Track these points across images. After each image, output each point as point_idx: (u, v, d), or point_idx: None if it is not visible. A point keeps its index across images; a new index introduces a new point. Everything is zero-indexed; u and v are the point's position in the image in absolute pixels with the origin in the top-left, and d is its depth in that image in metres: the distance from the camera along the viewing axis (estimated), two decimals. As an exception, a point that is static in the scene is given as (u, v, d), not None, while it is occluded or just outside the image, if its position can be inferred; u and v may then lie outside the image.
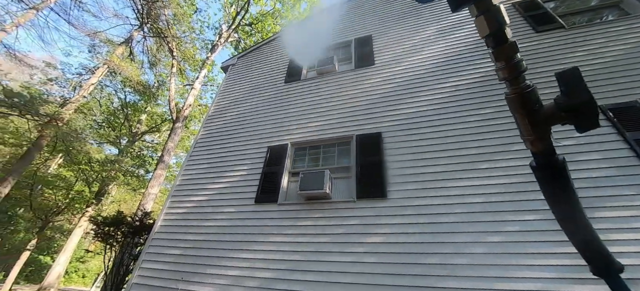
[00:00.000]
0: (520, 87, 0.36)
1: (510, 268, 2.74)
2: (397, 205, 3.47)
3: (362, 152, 4.15)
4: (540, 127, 0.36)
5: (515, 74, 0.35)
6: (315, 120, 5.05)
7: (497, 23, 0.34)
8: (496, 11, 0.34)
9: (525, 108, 0.36)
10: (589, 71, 3.93)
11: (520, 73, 0.35)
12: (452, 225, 3.14)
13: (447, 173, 3.54)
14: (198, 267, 3.93)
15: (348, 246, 3.36)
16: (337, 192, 3.96)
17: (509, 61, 0.35)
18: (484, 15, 0.34)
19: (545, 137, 0.37)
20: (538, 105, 0.36)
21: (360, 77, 5.44)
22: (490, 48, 0.36)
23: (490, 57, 0.37)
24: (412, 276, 2.95)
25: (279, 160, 4.65)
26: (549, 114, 0.37)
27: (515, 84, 0.36)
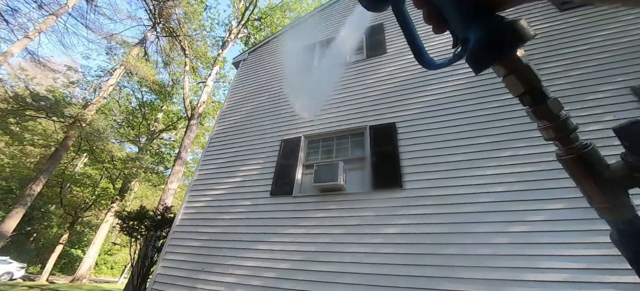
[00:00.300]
0: (575, 147, 0.32)
1: (536, 258, 2.64)
2: (413, 195, 3.41)
3: (376, 143, 4.09)
4: (613, 192, 0.31)
5: (566, 133, 0.31)
6: (328, 112, 5.02)
7: (531, 81, 0.31)
8: (527, 69, 0.31)
9: (587, 171, 0.32)
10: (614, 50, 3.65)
11: (571, 131, 0.32)
12: (473, 215, 3.06)
13: (466, 162, 3.43)
14: (217, 258, 4.05)
15: (364, 237, 3.35)
16: (351, 184, 3.94)
17: (554, 120, 0.31)
18: (513, 74, 0.31)
19: (622, 203, 0.31)
20: (605, 166, 0.31)
21: (372, 67, 5.32)
22: (527, 106, 0.32)
23: (528, 114, 0.32)
24: (432, 266, 2.91)
25: (292, 153, 4.67)
26: (620, 176, 0.30)
27: (567, 144, 0.32)
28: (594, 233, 2.60)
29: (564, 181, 2.95)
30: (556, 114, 0.31)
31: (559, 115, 0.31)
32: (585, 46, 3.90)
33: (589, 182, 0.31)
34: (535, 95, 0.31)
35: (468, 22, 0.32)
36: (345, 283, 3.14)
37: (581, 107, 3.39)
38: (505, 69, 0.31)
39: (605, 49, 3.75)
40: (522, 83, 0.31)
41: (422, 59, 0.43)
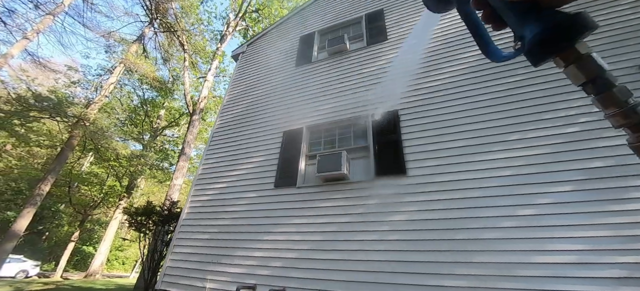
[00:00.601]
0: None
1: (544, 241, 2.63)
2: (418, 182, 3.39)
3: (379, 131, 4.05)
4: None
5: (635, 119, 0.31)
6: (329, 102, 4.97)
7: (595, 70, 0.31)
8: (589, 58, 0.31)
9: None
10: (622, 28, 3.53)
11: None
12: (481, 199, 3.04)
13: (472, 148, 3.39)
14: (225, 250, 4.11)
15: (370, 225, 3.36)
16: (355, 173, 3.93)
17: (622, 106, 0.31)
18: (575, 64, 0.31)
19: None
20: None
21: (373, 54, 5.23)
22: (591, 94, 0.32)
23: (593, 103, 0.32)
24: (441, 252, 2.92)
25: (295, 145, 4.65)
26: None
27: (637, 131, 0.31)
28: (601, 215, 2.58)
29: (570, 163, 2.90)
30: (624, 100, 0.31)
31: (627, 102, 0.31)
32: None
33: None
34: (599, 83, 0.31)
35: (523, 20, 0.34)
36: (352, 271, 3.17)
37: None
38: (565, 61, 0.32)
39: (614, 27, 3.63)
40: (583, 73, 0.31)
41: (491, 54, 0.44)
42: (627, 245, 2.41)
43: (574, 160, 2.91)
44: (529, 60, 0.34)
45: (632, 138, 0.32)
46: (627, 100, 0.31)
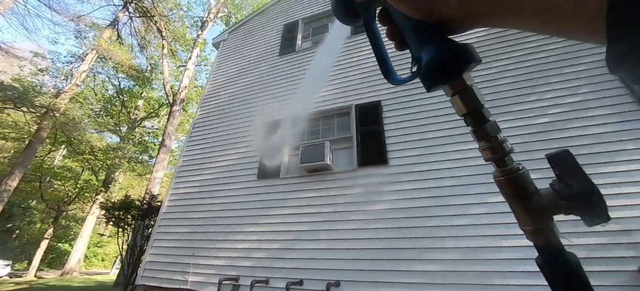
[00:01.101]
0: (509, 169, 0.33)
1: (510, 226, 2.79)
2: (399, 171, 3.48)
3: (362, 121, 4.09)
4: (539, 216, 0.32)
5: (501, 155, 0.32)
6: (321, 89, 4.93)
7: (473, 103, 0.32)
8: (471, 91, 0.32)
9: (518, 194, 0.32)
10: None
11: (505, 154, 0.32)
12: (454, 188, 3.17)
13: (448, 138, 3.50)
14: (207, 243, 4.06)
15: (352, 214, 3.42)
16: (338, 163, 3.96)
17: (491, 141, 0.32)
18: (459, 94, 0.32)
19: (548, 229, 0.32)
20: (533, 191, 0.32)
21: (357, 45, 5.22)
22: (469, 126, 0.34)
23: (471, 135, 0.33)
24: (418, 238, 3.03)
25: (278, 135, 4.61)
26: (548, 202, 0.31)
27: (501, 166, 0.33)
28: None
29: (536, 153, 3.07)
30: (493, 136, 0.32)
31: (496, 137, 0.32)
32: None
33: (519, 204, 0.32)
34: (476, 116, 0.32)
35: (421, 43, 0.34)
36: (335, 259, 3.24)
37: (554, 83, 3.48)
38: (452, 89, 0.32)
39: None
40: (465, 105, 0.32)
41: (388, 74, 0.46)
42: (578, 228, 2.60)
43: (539, 149, 3.08)
44: (423, 83, 0.35)
45: (497, 173, 0.33)
46: (496, 136, 0.32)
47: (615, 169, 2.78)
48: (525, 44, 3.88)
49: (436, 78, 0.33)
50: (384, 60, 0.45)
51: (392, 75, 0.45)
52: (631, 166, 2.74)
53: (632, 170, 2.73)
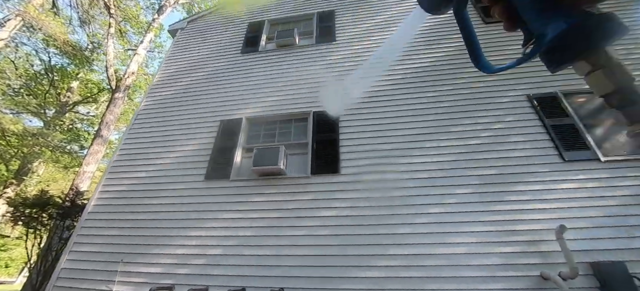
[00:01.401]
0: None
1: (447, 234, 3.06)
2: (349, 180, 3.58)
3: (319, 128, 4.13)
4: None
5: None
6: (273, 95, 4.85)
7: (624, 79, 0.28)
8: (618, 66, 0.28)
9: None
10: (521, 61, 4.38)
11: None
12: (400, 198, 3.36)
13: (397, 151, 3.74)
14: (140, 247, 3.64)
15: (301, 220, 3.39)
16: (292, 168, 3.92)
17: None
18: (602, 70, 0.28)
19: None
20: None
21: (320, 53, 5.31)
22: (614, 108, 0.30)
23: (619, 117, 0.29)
24: (364, 245, 3.12)
25: (232, 136, 4.41)
26: None
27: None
28: (488, 213, 3.13)
29: (471, 170, 3.45)
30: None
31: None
32: (497, 57, 4.56)
33: None
34: (626, 93, 0.28)
35: (547, 16, 0.30)
36: (281, 266, 3.16)
37: (485, 110, 3.97)
38: (593, 64, 0.28)
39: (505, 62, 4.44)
40: (612, 81, 0.28)
41: (479, 63, 0.42)
42: (504, 238, 2.98)
43: (473, 167, 3.46)
44: (546, 61, 0.31)
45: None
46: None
47: (527, 188, 3.25)
48: (466, 74, 4.38)
49: (568, 53, 0.29)
50: (475, 47, 0.42)
51: (482, 62, 0.42)
52: (538, 186, 3.24)
53: (540, 189, 3.22)
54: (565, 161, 3.35)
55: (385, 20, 5.64)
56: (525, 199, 3.17)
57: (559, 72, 0.31)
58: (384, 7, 5.94)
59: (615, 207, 3.04)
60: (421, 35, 5.14)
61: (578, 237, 2.87)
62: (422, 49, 4.91)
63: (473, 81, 4.30)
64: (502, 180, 3.34)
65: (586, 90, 4.03)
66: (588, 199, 3.10)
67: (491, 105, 4.01)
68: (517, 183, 3.29)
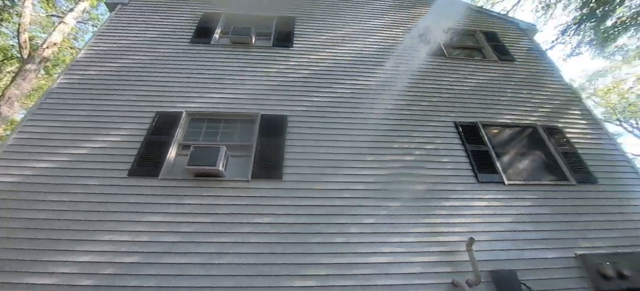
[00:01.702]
0: None
1: (378, 244, 3.23)
2: (290, 187, 3.54)
3: (265, 132, 4.03)
4: None
5: None
6: (221, 92, 4.59)
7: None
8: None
9: None
10: (456, 92, 5.02)
11: None
12: (337, 208, 3.45)
13: (338, 162, 3.85)
14: (35, 253, 3.00)
15: (235, 226, 3.21)
16: (232, 171, 3.72)
17: None
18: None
19: None
20: None
21: (276, 57, 5.24)
22: None
23: None
24: (295, 254, 3.08)
25: (168, 130, 4.01)
26: None
27: None
28: (411, 225, 3.41)
29: (403, 184, 3.74)
30: None
31: None
32: (426, 87, 5.12)
33: None
34: None
35: None
36: (208, 276, 2.92)
37: (420, 131, 4.40)
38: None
39: (439, 91, 5.04)
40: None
41: None
42: (425, 248, 3.27)
43: (405, 182, 3.76)
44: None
45: None
46: None
47: (448, 203, 3.64)
48: (407, 96, 4.80)
49: None
50: None
51: None
52: (457, 202, 3.67)
53: (458, 205, 3.64)
54: (479, 182, 3.87)
55: (345, 35, 5.88)
56: (445, 213, 3.55)
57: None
58: (345, 22, 6.21)
59: (512, 223, 3.60)
60: (369, 55, 5.50)
61: (483, 249, 3.31)
62: (370, 68, 5.24)
63: (412, 103, 4.74)
64: (428, 195, 3.69)
65: (499, 123, 4.77)
66: (493, 216, 3.62)
67: (425, 127, 4.44)
68: (440, 199, 3.67)
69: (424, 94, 4.97)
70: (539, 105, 5.20)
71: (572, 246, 3.51)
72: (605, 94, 18.36)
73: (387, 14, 6.77)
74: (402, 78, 5.16)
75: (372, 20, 6.46)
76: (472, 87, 5.26)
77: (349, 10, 6.62)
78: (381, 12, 6.83)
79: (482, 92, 5.19)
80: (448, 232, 3.40)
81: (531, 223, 3.63)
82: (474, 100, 5.00)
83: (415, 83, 5.16)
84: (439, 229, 3.41)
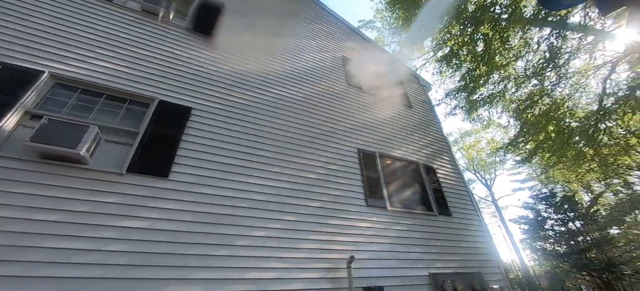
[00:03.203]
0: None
1: (264, 259, 3.12)
2: (176, 188, 3.10)
3: (160, 121, 3.47)
4: None
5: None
6: (112, 61, 3.76)
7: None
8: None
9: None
10: (363, 122, 5.59)
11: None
12: (227, 217, 3.21)
13: (239, 168, 3.65)
14: None
15: (90, 229, 2.56)
16: (101, 158, 3.01)
17: None
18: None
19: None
20: None
21: (191, 42, 4.71)
22: None
23: None
24: (167, 267, 2.66)
25: (13, 89, 2.97)
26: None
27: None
28: (305, 241, 3.50)
29: (302, 200, 3.82)
30: None
31: None
32: (338, 112, 5.58)
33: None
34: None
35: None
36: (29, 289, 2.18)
37: (327, 151, 4.69)
38: None
39: (349, 117, 5.57)
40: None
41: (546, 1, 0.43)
42: (311, 265, 3.37)
43: (304, 198, 3.86)
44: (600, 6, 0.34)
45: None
46: None
47: (339, 222, 3.90)
48: (320, 114, 5.06)
49: None
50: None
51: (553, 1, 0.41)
52: (347, 222, 3.97)
53: (347, 225, 3.94)
54: (367, 205, 4.33)
55: (271, 43, 5.81)
56: (334, 232, 3.79)
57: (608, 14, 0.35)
58: (275, 30, 6.16)
59: (388, 244, 4.13)
60: (290, 69, 5.62)
61: (361, 266, 3.65)
62: (289, 81, 5.35)
63: (323, 124, 5.02)
64: (323, 212, 3.89)
65: (392, 156, 5.53)
66: (374, 237, 4.08)
67: (332, 148, 4.75)
68: (332, 218, 3.91)
69: (335, 117, 5.36)
70: (423, 147, 6.34)
71: (428, 266, 4.27)
72: (467, 149, 24.38)
73: (318, 38, 7.13)
74: (317, 98, 5.44)
75: (302, 39, 6.67)
76: (377, 120, 6.00)
77: (282, 20, 6.66)
78: (314, 34, 7.15)
79: (383, 127, 5.98)
80: (334, 250, 3.62)
81: (403, 245, 4.26)
82: (376, 132, 5.69)
83: (329, 105, 5.52)
84: (327, 246, 3.59)
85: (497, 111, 11.63)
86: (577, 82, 9.87)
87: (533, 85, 9.36)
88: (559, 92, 9.59)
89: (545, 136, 9.39)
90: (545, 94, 9.28)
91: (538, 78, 9.13)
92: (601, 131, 9.05)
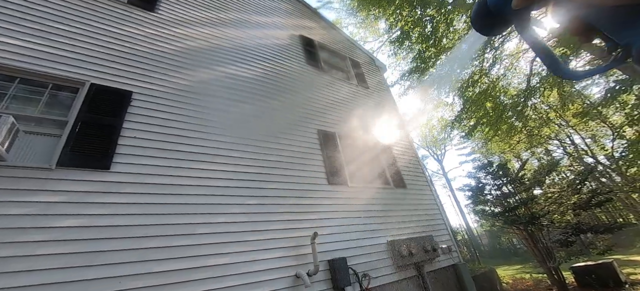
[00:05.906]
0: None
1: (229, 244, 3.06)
2: (121, 181, 2.83)
3: (94, 107, 3.08)
4: None
5: None
6: (25, 36, 3.16)
7: None
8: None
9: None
10: (323, 102, 5.64)
11: None
12: (186, 206, 3.05)
13: (195, 155, 3.45)
14: None
15: (13, 233, 2.23)
16: (23, 153, 2.59)
17: None
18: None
19: None
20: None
21: (130, 17, 4.18)
22: None
23: None
24: (114, 264, 2.46)
25: None
26: None
27: None
28: (268, 223, 3.51)
29: (265, 183, 3.80)
30: None
31: None
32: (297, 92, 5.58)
33: None
34: None
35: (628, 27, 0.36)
36: None
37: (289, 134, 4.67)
38: None
39: (309, 99, 5.60)
40: None
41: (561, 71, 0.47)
42: (277, 245, 3.41)
43: (266, 181, 3.84)
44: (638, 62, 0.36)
45: None
46: None
47: (302, 202, 3.98)
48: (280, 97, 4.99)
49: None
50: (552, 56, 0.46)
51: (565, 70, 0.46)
52: (310, 201, 4.08)
53: (310, 204, 4.05)
54: (329, 184, 4.47)
55: (222, 19, 5.45)
56: (298, 211, 3.87)
57: None
58: (226, 4, 5.77)
59: (349, 218, 4.35)
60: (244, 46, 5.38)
61: (325, 241, 3.81)
62: (243, 60, 5.12)
63: (282, 106, 4.96)
64: (286, 194, 3.92)
65: (352, 135, 5.72)
66: (336, 213, 4.25)
67: (294, 131, 4.74)
68: (296, 198, 3.97)
69: (294, 98, 5.32)
70: (379, 126, 6.67)
71: (386, 235, 4.63)
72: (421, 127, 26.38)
73: (273, 14, 6.87)
74: (275, 78, 5.32)
75: (256, 14, 6.37)
76: (336, 100, 6.12)
77: None
78: (268, 10, 6.86)
79: (342, 107, 6.12)
80: (298, 229, 3.71)
81: (363, 218, 4.52)
82: (335, 113, 5.81)
83: (288, 85, 5.46)
84: (290, 226, 3.66)
85: (445, 91, 12.72)
86: (510, 64, 11.19)
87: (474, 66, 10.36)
88: (494, 72, 10.81)
89: (484, 112, 10.56)
90: (484, 74, 10.36)
91: (479, 60, 10.12)
92: (528, 107, 10.51)
